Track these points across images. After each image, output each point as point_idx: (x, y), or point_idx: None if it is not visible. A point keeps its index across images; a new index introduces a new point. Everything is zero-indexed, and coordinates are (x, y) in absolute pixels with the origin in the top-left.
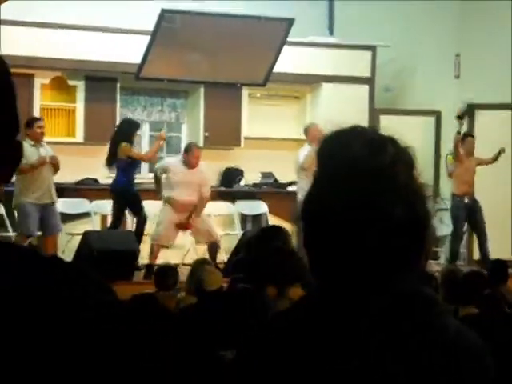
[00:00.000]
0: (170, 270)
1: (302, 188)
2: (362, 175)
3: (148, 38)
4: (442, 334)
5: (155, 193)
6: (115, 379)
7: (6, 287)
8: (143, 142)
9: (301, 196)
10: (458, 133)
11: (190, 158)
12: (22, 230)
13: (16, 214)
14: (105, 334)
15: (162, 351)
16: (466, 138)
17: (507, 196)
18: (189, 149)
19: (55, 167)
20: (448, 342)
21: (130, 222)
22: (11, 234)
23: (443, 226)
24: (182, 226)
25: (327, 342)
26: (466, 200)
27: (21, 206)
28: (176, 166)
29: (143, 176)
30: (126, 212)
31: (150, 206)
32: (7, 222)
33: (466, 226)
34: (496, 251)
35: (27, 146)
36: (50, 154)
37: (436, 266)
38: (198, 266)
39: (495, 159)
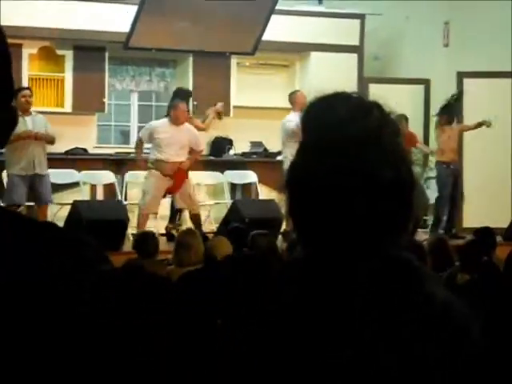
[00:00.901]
0: (149, 237)
1: (286, 157)
2: (347, 139)
3: (136, 7)
4: (429, 305)
5: (135, 161)
6: (114, 363)
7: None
8: (132, 112)
9: (286, 165)
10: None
11: (177, 113)
12: (4, 200)
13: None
14: (104, 308)
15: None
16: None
17: (506, 163)
18: (174, 105)
19: (46, 140)
20: (435, 312)
21: (119, 192)
22: None
23: (431, 194)
24: (169, 188)
25: (320, 320)
26: (452, 166)
27: (8, 177)
28: (163, 125)
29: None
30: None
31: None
32: None
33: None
34: (496, 218)
35: None
36: (42, 124)
37: (424, 235)
38: (184, 236)
39: (476, 127)
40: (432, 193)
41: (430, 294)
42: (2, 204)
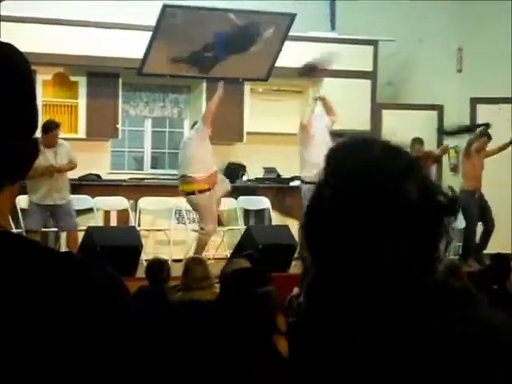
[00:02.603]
0: (162, 264)
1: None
2: (385, 176)
3: (150, 33)
4: (489, 326)
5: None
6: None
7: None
8: (145, 138)
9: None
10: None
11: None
12: (25, 225)
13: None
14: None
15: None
16: (480, 136)
17: (508, 191)
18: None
19: (69, 170)
20: (495, 333)
21: (133, 218)
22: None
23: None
24: None
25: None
26: (477, 195)
27: (29, 204)
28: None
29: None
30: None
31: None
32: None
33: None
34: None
35: None
36: (64, 155)
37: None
38: (191, 263)
39: (503, 148)
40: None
41: (490, 316)
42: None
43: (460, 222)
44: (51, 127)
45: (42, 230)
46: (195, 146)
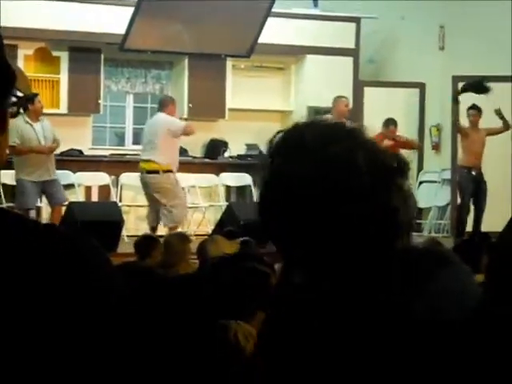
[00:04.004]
0: (151, 240)
1: None
2: (314, 167)
3: (132, 8)
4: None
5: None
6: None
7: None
8: (127, 113)
9: None
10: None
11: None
12: (17, 204)
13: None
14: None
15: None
16: (467, 110)
17: (506, 168)
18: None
19: (56, 148)
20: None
21: (114, 193)
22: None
23: (429, 199)
24: None
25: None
26: (473, 172)
27: (18, 182)
28: None
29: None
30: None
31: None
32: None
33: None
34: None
35: (22, 123)
36: (50, 130)
37: (419, 239)
38: (173, 238)
39: (506, 126)
40: (426, 197)
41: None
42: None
43: (445, 199)
44: (31, 97)
45: None
46: (165, 139)
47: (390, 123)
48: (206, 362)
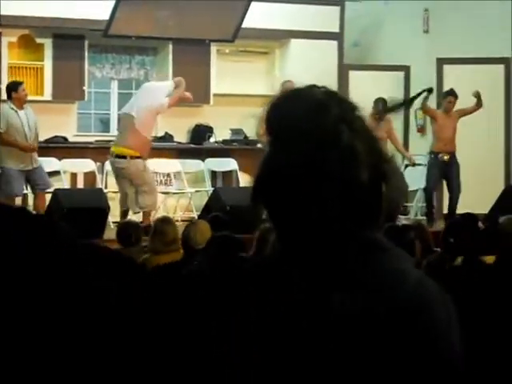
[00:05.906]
0: (131, 226)
1: None
2: (305, 137)
3: None
4: (404, 282)
5: None
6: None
7: None
8: (112, 100)
9: None
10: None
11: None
12: (2, 192)
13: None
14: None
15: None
16: (445, 96)
17: (498, 150)
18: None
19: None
20: (409, 289)
21: (100, 180)
22: None
23: (415, 181)
24: None
25: (297, 304)
26: (445, 157)
27: (4, 170)
28: None
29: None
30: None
31: None
32: None
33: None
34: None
35: (8, 110)
36: (33, 119)
37: (405, 221)
38: (160, 223)
39: (479, 104)
40: (411, 180)
41: (405, 270)
42: None
43: (420, 182)
44: (16, 85)
45: None
46: (144, 126)
47: (379, 101)
48: (194, 355)
